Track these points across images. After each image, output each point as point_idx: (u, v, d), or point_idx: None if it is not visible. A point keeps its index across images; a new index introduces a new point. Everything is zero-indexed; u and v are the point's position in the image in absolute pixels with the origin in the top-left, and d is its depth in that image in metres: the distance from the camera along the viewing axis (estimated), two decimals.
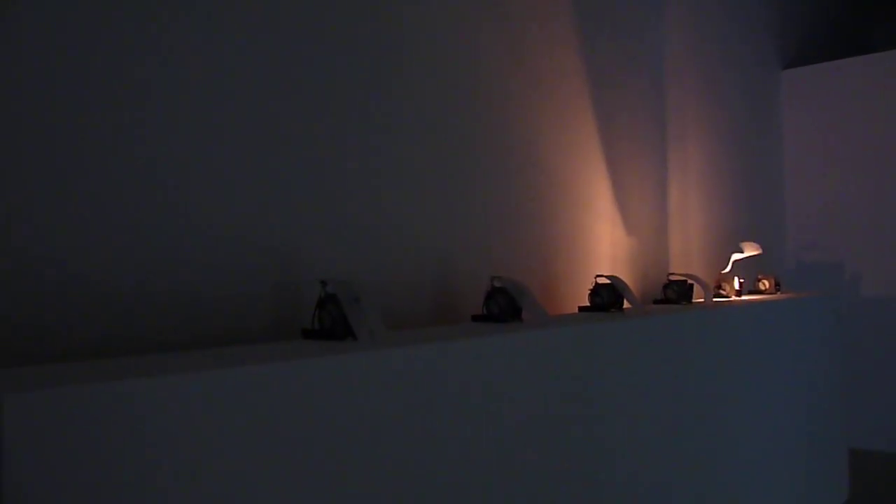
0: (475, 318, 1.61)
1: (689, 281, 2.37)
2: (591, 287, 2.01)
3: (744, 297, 2.81)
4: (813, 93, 4.24)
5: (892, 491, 3.34)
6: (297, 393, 0.88)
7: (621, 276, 2.48)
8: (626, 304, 2.03)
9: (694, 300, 2.44)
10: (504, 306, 1.57)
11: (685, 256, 3.06)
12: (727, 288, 2.75)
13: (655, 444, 1.70)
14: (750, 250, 2.88)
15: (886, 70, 4.01)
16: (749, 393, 2.25)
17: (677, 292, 2.36)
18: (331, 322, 1.16)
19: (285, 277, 1.37)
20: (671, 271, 2.67)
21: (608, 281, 1.98)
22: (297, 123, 1.41)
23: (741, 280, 2.78)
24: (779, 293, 3.13)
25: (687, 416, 1.86)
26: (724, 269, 3.04)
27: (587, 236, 2.39)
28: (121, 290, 1.11)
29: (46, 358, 1.01)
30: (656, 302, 2.42)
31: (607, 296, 1.96)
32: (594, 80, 2.45)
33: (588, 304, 2.00)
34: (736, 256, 3.06)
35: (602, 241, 2.48)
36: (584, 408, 1.45)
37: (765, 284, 3.11)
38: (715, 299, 2.70)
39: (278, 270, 1.36)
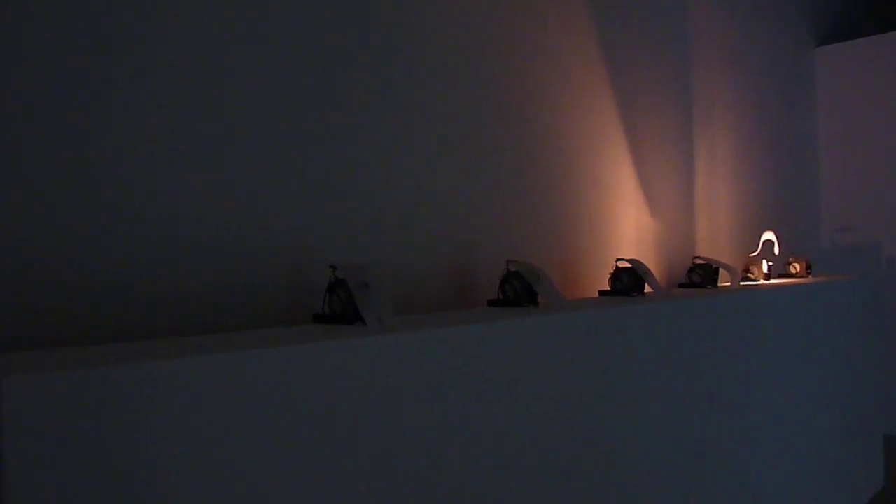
0: (491, 303, 1.60)
1: (715, 265, 2.32)
2: (612, 271, 1.98)
3: (772, 281, 2.75)
4: (848, 70, 4.11)
5: None
6: (295, 377, 0.87)
7: (645, 260, 2.44)
8: (647, 289, 2.00)
9: (720, 284, 2.39)
10: (519, 290, 1.55)
11: (712, 240, 3.00)
12: (755, 271, 2.69)
13: (677, 432, 1.68)
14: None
15: None
16: (778, 379, 2.20)
17: (702, 276, 2.32)
18: (340, 307, 1.15)
19: (300, 262, 1.37)
20: (697, 255, 2.62)
21: (629, 265, 1.94)
22: (311, 109, 1.41)
23: (770, 263, 2.72)
24: (810, 276, 3.06)
25: (713, 402, 1.83)
26: (752, 252, 2.98)
27: (610, 220, 2.35)
28: (134, 278, 1.12)
29: (55, 344, 1.02)
30: (681, 286, 2.38)
31: (628, 280, 1.93)
32: (615, 62, 2.41)
33: (608, 288, 1.98)
34: (766, 237, 2.99)
35: (625, 224, 2.44)
36: (602, 394, 1.43)
37: (795, 268, 3.04)
38: (742, 283, 2.64)
39: (293, 255, 1.36)
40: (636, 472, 1.53)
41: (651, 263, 2.49)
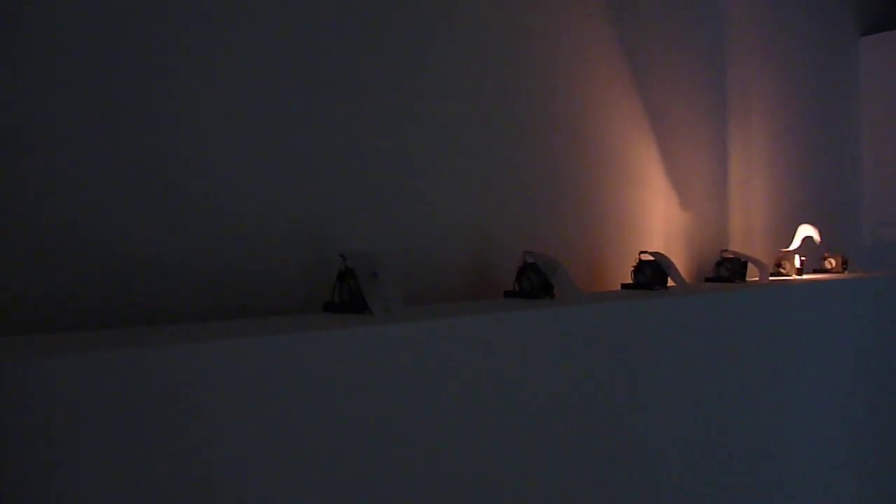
0: (507, 294, 1.59)
1: (744, 259, 2.28)
2: (635, 264, 1.96)
3: (805, 277, 2.68)
4: (894, 60, 3.97)
5: None
6: (293, 366, 0.88)
7: (674, 253, 2.40)
8: (671, 283, 1.96)
9: (749, 279, 2.35)
10: (536, 282, 1.54)
11: (746, 234, 2.94)
12: (787, 266, 2.63)
13: (693, 429, 1.65)
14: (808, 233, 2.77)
15: None
16: (805, 377, 2.16)
17: (730, 270, 2.28)
18: (349, 296, 1.16)
19: (319, 251, 1.38)
20: (725, 248, 2.57)
21: (652, 258, 1.92)
22: (334, 100, 1.41)
23: (802, 258, 2.65)
24: (846, 272, 2.98)
25: (731, 400, 1.80)
26: (786, 246, 2.91)
27: (637, 211, 2.32)
28: (149, 261, 1.14)
29: (58, 327, 1.05)
30: (708, 280, 2.34)
31: (651, 273, 1.90)
32: (644, 49, 2.36)
33: (631, 281, 1.95)
34: (803, 233, 2.93)
35: (654, 216, 2.40)
36: (617, 389, 1.42)
37: (831, 263, 2.96)
38: (772, 278, 2.59)
39: (311, 244, 1.37)
40: (653, 468, 1.51)
41: (681, 256, 2.45)
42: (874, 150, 4.03)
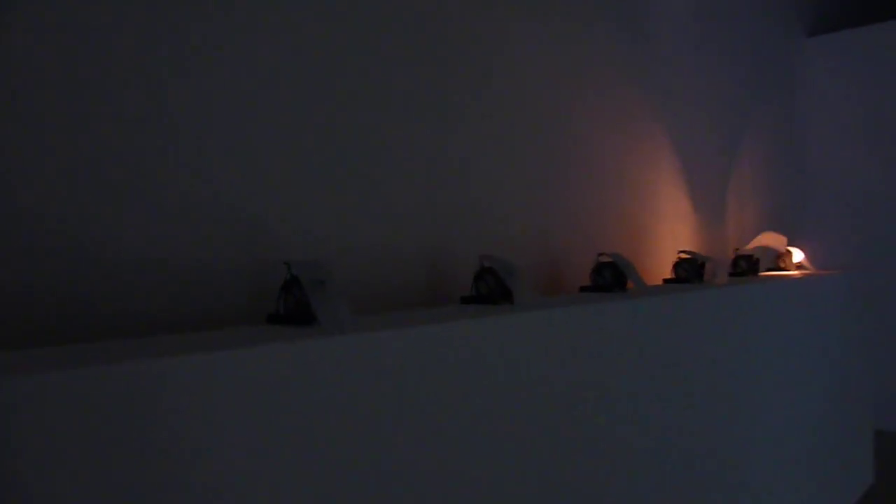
0: (464, 300, 1.54)
1: (700, 259, 2.27)
2: (594, 266, 1.92)
3: (762, 275, 2.69)
4: (840, 60, 4.05)
5: None
6: (237, 384, 0.81)
7: (636, 256, 2.39)
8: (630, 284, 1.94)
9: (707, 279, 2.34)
10: (493, 287, 1.49)
11: (701, 237, 2.95)
12: (743, 265, 2.63)
13: (659, 430, 1.62)
14: (771, 242, 2.80)
15: None
16: (767, 374, 2.15)
17: (688, 270, 2.26)
18: (295, 306, 1.09)
19: (262, 257, 1.31)
20: (681, 249, 2.56)
21: (610, 259, 1.89)
22: (279, 96, 1.34)
23: (756, 258, 2.67)
24: (802, 271, 3.01)
25: (696, 399, 1.78)
26: (741, 246, 2.93)
27: (597, 212, 2.29)
28: (74, 266, 1.06)
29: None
30: (667, 281, 2.33)
31: (610, 275, 1.87)
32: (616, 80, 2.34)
33: (590, 284, 1.92)
34: (759, 241, 2.95)
35: (611, 218, 2.38)
36: (576, 393, 1.37)
37: (786, 262, 2.99)
38: (731, 277, 2.59)
39: (254, 250, 1.30)
40: (621, 473, 1.47)
41: (641, 258, 2.43)
42: (820, 151, 4.10)
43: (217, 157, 1.25)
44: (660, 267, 2.59)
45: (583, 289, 1.92)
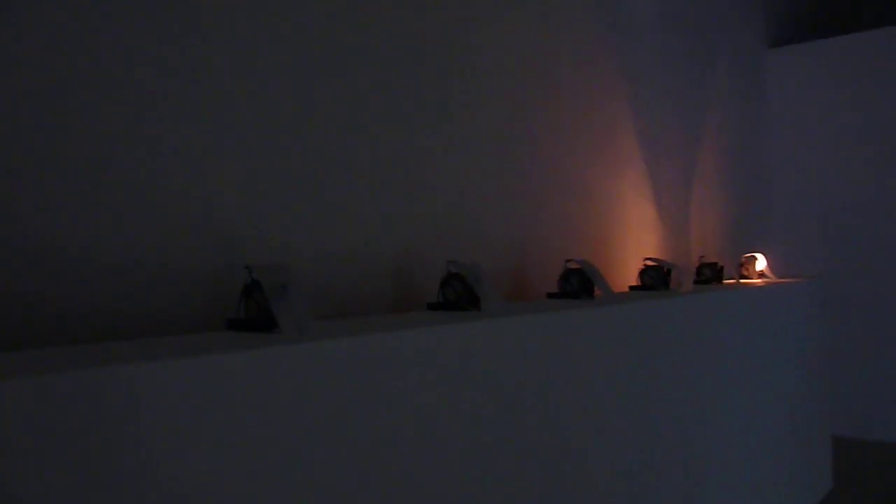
0: (431, 307, 1.51)
1: (666, 266, 2.27)
2: (562, 272, 1.91)
3: (726, 283, 2.72)
4: (801, 71, 4.13)
5: (876, 479, 3.28)
6: (194, 392, 0.77)
7: (603, 261, 2.38)
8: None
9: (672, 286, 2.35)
10: (461, 293, 1.47)
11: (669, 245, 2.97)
12: (707, 273, 2.65)
13: (622, 436, 1.61)
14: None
15: (876, 48, 3.91)
16: (726, 381, 2.16)
17: (654, 278, 2.27)
18: (256, 312, 1.05)
19: (223, 261, 1.26)
20: (646, 256, 2.57)
21: (578, 266, 1.88)
22: (244, 98, 1.30)
23: (720, 265, 2.69)
24: (762, 279, 3.04)
25: (657, 405, 1.77)
26: (702, 255, 2.95)
27: (566, 219, 2.29)
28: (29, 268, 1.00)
29: None
30: (633, 288, 2.33)
31: (577, 282, 1.86)
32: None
33: (557, 290, 1.91)
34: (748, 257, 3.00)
35: (578, 223, 2.38)
36: (543, 402, 1.35)
37: (748, 270, 3.02)
38: (696, 284, 2.61)
39: (215, 253, 1.25)
40: (584, 478, 1.46)
41: (607, 265, 2.43)
42: (783, 161, 4.17)
43: (181, 159, 1.20)
44: (625, 274, 2.59)
45: (550, 295, 1.91)
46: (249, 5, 1.34)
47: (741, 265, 3.03)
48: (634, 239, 2.70)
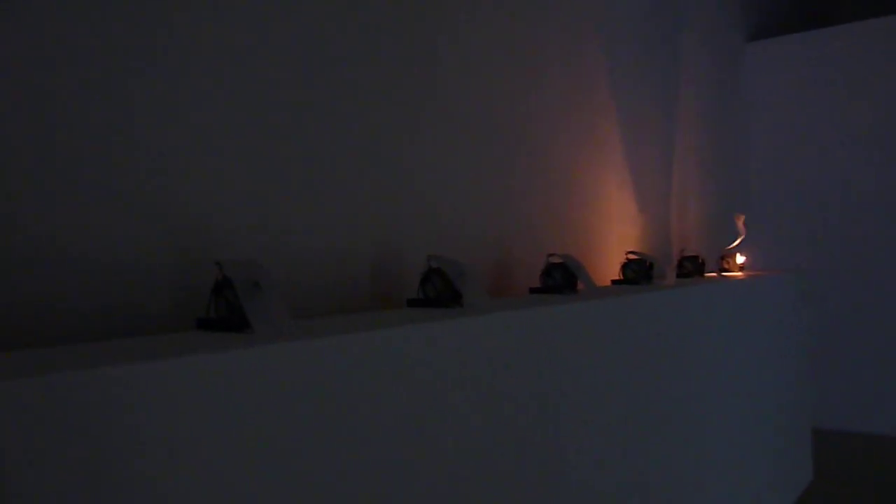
0: (411, 303, 1.47)
1: (649, 260, 2.25)
2: (544, 267, 1.88)
3: (707, 276, 2.70)
4: (779, 65, 4.13)
5: (856, 472, 3.29)
6: (163, 395, 0.72)
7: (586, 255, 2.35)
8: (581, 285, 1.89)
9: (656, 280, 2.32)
10: (441, 289, 1.42)
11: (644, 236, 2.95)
12: (689, 266, 2.64)
13: (604, 431, 1.58)
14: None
15: (853, 42, 3.92)
16: (710, 375, 2.15)
17: (636, 272, 2.24)
18: (227, 310, 1.00)
19: (193, 256, 1.20)
20: (631, 250, 2.55)
21: (561, 260, 1.84)
22: (220, 89, 1.24)
23: (701, 259, 2.67)
24: (742, 272, 3.03)
25: (642, 401, 1.74)
26: (683, 248, 2.94)
27: (544, 213, 2.25)
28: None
29: None
30: (615, 282, 2.30)
31: (560, 277, 1.83)
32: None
33: (540, 285, 1.87)
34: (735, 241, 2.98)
35: (560, 218, 2.34)
36: (527, 400, 1.31)
37: (728, 263, 3.01)
38: (677, 278, 2.59)
39: (185, 248, 1.19)
40: (566, 476, 1.42)
41: (588, 259, 2.40)
42: (762, 154, 4.18)
43: (154, 152, 1.15)
44: (607, 268, 2.56)
45: (533, 290, 1.87)
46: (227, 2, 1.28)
47: (722, 258, 3.02)
48: (616, 232, 2.68)
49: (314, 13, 1.46)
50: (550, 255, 1.88)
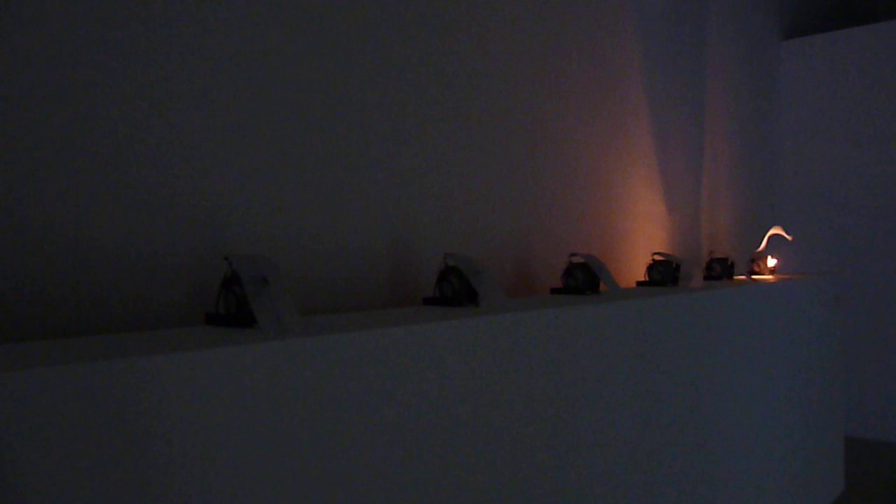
0: (427, 301, 1.45)
1: (675, 262, 2.20)
2: (566, 266, 1.84)
3: (736, 279, 2.64)
4: (815, 64, 4.03)
5: (889, 482, 3.20)
6: (169, 389, 0.71)
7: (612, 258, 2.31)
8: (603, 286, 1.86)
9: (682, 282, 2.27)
10: (458, 288, 1.40)
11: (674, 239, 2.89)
12: (717, 268, 2.57)
13: (630, 436, 1.54)
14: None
15: (890, 41, 3.80)
16: (739, 381, 2.09)
17: (662, 273, 2.19)
18: (235, 306, 0.99)
19: (205, 252, 1.20)
20: (656, 251, 2.50)
21: (583, 260, 1.81)
22: (232, 86, 1.24)
23: (731, 261, 2.61)
24: (774, 275, 2.96)
25: (667, 405, 1.70)
26: (711, 250, 2.87)
27: (570, 212, 2.21)
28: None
29: None
30: (640, 284, 2.25)
31: (582, 277, 1.79)
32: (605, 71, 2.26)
33: (561, 285, 1.84)
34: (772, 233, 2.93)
35: (585, 219, 2.31)
36: (548, 401, 1.29)
37: (759, 266, 2.94)
38: (705, 280, 2.53)
39: (197, 243, 1.19)
40: (589, 478, 1.39)
41: (613, 260, 2.36)
42: (796, 154, 4.08)
43: (172, 148, 1.14)
44: (633, 269, 2.52)
45: (554, 290, 1.84)
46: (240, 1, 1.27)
47: (752, 261, 2.95)
48: (643, 233, 2.63)
49: (334, 9, 1.45)
50: (572, 254, 1.85)
